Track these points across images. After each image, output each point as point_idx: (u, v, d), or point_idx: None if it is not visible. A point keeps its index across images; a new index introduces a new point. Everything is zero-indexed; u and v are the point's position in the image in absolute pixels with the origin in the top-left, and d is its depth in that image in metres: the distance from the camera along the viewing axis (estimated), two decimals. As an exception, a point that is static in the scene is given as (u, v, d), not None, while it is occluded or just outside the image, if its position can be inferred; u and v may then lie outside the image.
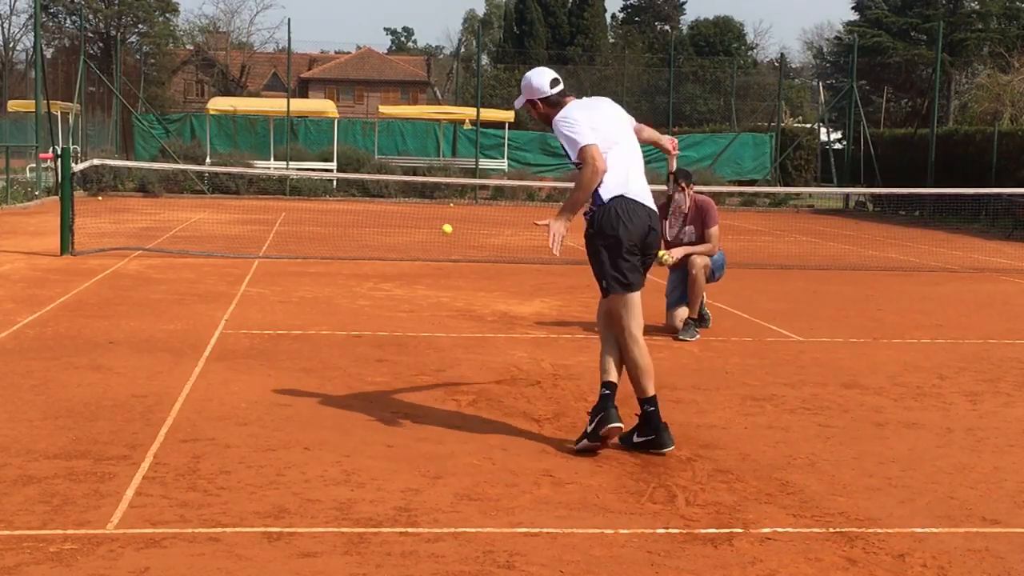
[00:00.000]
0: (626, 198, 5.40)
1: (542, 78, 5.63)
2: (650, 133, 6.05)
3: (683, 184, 8.94)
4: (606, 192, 5.38)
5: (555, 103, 5.59)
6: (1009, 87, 36.21)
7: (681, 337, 8.70)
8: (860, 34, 45.33)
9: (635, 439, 5.40)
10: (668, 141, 6.12)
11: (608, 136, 5.45)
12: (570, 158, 5.39)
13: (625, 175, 5.45)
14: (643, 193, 5.50)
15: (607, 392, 5.37)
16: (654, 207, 5.54)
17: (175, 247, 14.86)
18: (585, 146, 5.31)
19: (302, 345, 7.99)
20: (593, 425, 5.31)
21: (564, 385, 6.87)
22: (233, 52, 68.91)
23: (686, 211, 9.05)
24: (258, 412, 5.92)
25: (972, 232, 23.49)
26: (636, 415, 5.44)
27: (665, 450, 5.32)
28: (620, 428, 5.33)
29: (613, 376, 5.44)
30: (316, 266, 13.21)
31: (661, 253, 8.99)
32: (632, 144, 5.63)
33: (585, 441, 5.35)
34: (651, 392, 5.41)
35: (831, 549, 4.12)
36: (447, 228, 8.73)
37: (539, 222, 5.38)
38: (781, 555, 4.04)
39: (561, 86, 5.67)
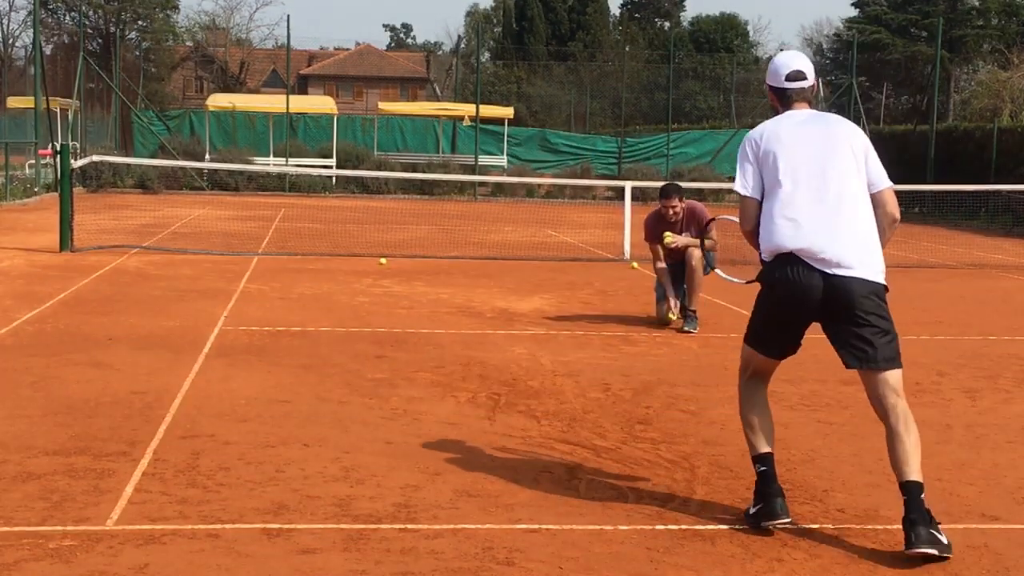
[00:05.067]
0: (792, 255, 4.28)
1: (784, 63, 4.56)
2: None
3: (664, 203, 9.02)
4: (768, 244, 4.39)
5: (784, 99, 4.52)
6: (1008, 84, 36.19)
7: (686, 329, 8.80)
8: (860, 30, 45.32)
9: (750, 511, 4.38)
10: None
11: (780, 172, 4.35)
12: None
13: (798, 224, 4.29)
14: (822, 248, 4.25)
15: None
16: (838, 271, 4.26)
17: (174, 244, 14.85)
18: (742, 198, 4.48)
19: (301, 341, 7.99)
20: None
21: (563, 382, 6.87)
22: (232, 48, 68.79)
23: (678, 220, 9.14)
24: (257, 409, 5.92)
25: (972, 228, 23.49)
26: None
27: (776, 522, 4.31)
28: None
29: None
30: (315, 263, 13.21)
31: (665, 234, 9.10)
32: (833, 183, 4.35)
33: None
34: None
35: (830, 545, 4.12)
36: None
37: None
38: (780, 551, 4.04)
39: (803, 84, 4.51)
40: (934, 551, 3.93)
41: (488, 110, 35.68)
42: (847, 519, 4.42)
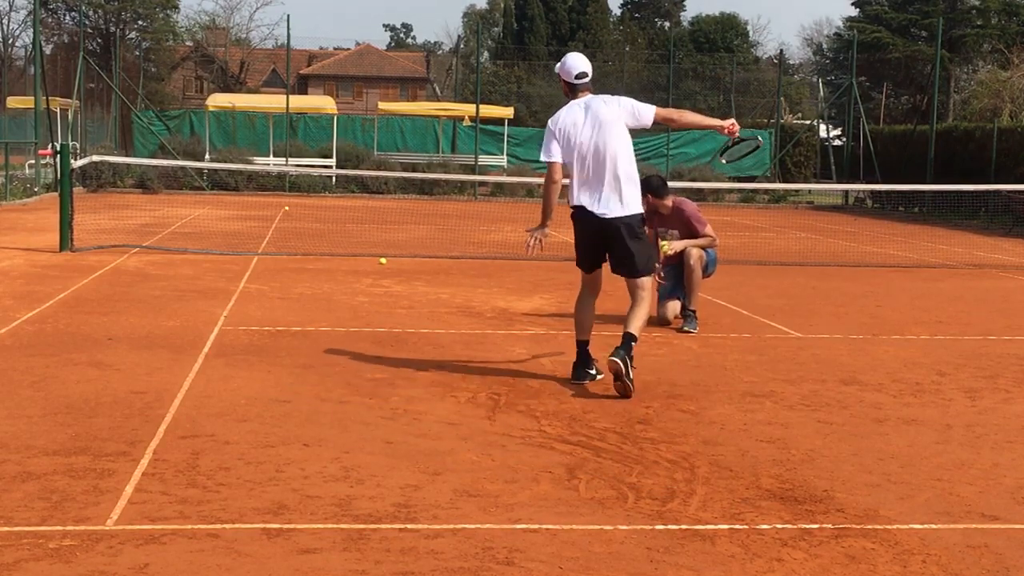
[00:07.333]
0: (581, 209, 6.49)
1: (574, 64, 6.51)
2: (692, 118, 6.92)
3: (650, 196, 8.98)
4: (572, 199, 6.52)
5: (572, 90, 6.48)
6: (1009, 84, 36.20)
7: (686, 328, 8.81)
8: (860, 30, 45.26)
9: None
10: (721, 124, 6.81)
11: (575, 148, 6.39)
12: None
13: (584, 186, 6.47)
14: (599, 202, 6.43)
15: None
16: (609, 212, 6.44)
17: (174, 243, 14.85)
18: (548, 163, 6.43)
19: (301, 341, 7.99)
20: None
21: (563, 381, 6.87)
22: (232, 48, 68.78)
23: (665, 214, 9.13)
24: (257, 408, 5.92)
25: (971, 228, 23.50)
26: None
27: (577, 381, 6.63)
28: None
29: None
30: (315, 262, 13.21)
31: (662, 243, 9.09)
32: (602, 149, 6.38)
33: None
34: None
35: (830, 545, 4.12)
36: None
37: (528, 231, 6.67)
38: (780, 551, 4.04)
39: (585, 80, 6.50)
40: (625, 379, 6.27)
41: (488, 110, 35.65)
42: (847, 519, 4.42)
